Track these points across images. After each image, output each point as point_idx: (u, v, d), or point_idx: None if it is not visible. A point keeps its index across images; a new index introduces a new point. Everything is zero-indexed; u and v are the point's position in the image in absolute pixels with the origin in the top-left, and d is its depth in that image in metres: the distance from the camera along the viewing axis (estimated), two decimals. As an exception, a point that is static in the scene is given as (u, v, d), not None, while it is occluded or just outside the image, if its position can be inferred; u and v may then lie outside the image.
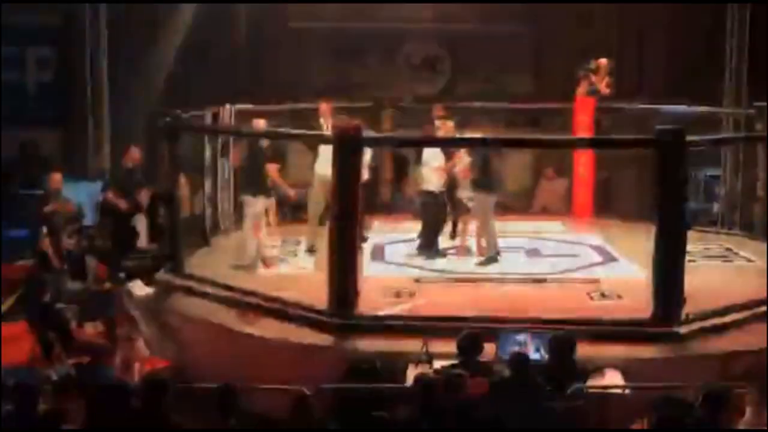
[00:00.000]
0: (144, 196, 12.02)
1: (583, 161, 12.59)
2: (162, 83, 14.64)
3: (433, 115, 11.64)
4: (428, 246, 10.52)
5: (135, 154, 12.08)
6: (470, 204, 10.43)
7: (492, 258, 10.20)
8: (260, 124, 10.77)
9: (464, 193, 10.49)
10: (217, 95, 12.37)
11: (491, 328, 7.69)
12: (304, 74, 15.91)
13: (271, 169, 10.18)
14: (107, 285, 11.27)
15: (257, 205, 10.08)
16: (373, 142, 9.70)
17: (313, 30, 15.90)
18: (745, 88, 13.79)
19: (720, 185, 13.60)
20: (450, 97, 15.65)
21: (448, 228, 10.95)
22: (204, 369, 8.29)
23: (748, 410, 6.07)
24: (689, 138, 8.27)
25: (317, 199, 10.53)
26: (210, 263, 10.33)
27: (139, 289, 9.60)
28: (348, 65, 16.13)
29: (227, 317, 8.84)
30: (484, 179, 10.15)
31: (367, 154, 9.72)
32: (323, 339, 8.27)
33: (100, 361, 8.78)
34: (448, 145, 10.28)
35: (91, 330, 9.58)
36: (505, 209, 13.97)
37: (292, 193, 10.82)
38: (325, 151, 10.28)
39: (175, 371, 8.28)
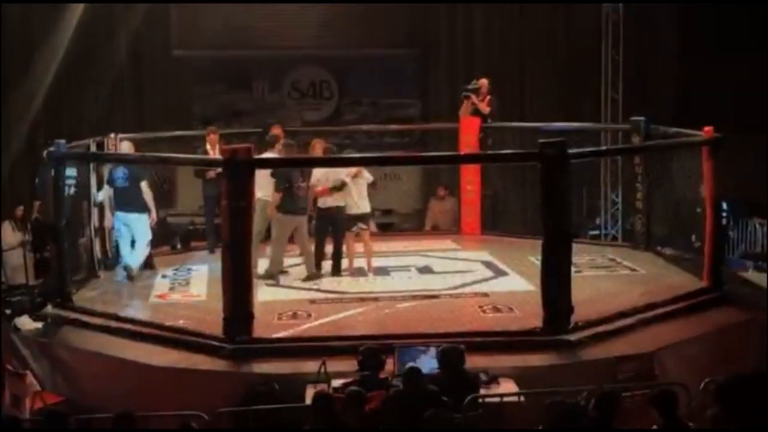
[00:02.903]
0: None
1: (470, 179, 12.82)
2: (42, 113, 14.28)
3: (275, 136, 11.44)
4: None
5: None
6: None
7: (268, 275, 10.39)
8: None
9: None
10: (101, 124, 12.19)
11: (387, 344, 7.75)
12: (189, 102, 15.81)
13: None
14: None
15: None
16: (263, 164, 9.67)
17: (197, 57, 15.82)
18: (621, 105, 14.33)
19: (601, 199, 14.13)
20: (338, 121, 15.83)
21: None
22: (99, 401, 8.10)
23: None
24: (571, 151, 8.55)
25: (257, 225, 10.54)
26: (100, 295, 10.13)
27: (27, 324, 9.32)
28: (235, 92, 16.10)
29: (120, 348, 8.68)
30: (288, 202, 10.25)
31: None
32: (219, 364, 8.20)
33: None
34: (340, 165, 10.35)
35: (-22, 368, 9.26)
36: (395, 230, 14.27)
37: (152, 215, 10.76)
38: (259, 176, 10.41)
39: (68, 405, 8.07)
